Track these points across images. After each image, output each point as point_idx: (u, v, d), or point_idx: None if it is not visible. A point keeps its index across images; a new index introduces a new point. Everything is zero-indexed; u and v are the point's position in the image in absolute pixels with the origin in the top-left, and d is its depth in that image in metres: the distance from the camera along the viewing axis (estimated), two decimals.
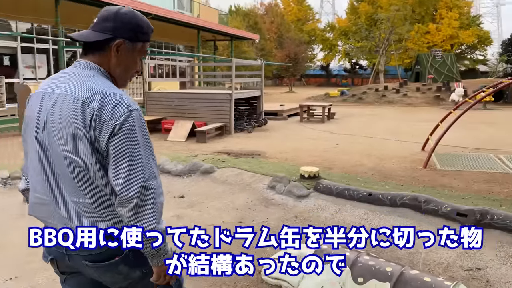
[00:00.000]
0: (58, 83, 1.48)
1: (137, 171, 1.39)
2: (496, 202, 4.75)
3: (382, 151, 8.49)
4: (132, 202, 1.39)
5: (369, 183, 5.79)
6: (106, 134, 1.37)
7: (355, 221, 4.52)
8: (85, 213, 1.46)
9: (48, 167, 1.47)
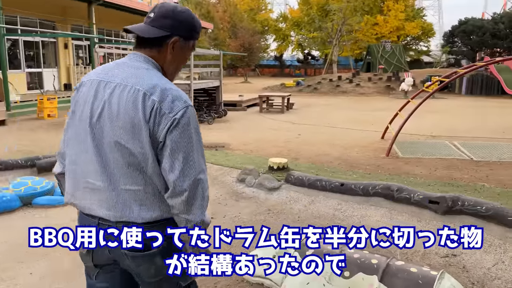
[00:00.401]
0: (114, 73, 1.50)
1: (191, 165, 1.44)
2: (460, 188, 4.91)
3: (344, 140, 8.60)
4: (184, 194, 1.44)
5: (337, 173, 5.80)
6: (165, 127, 1.41)
7: (329, 212, 4.48)
8: (136, 200, 1.49)
9: (101, 154, 1.48)
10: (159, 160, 1.47)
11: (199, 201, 1.48)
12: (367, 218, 4.23)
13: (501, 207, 3.73)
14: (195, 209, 1.47)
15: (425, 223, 3.95)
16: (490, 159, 6.72)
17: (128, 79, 1.46)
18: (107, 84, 1.48)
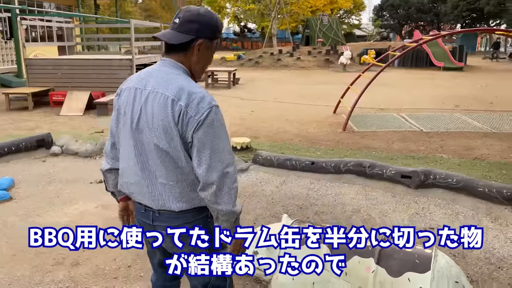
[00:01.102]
0: (147, 80, 1.66)
1: (217, 160, 1.58)
2: (421, 160, 5.06)
3: (299, 116, 8.56)
4: (212, 186, 1.58)
5: (301, 150, 5.73)
6: (192, 128, 1.56)
7: (302, 192, 4.39)
8: (172, 193, 1.68)
9: (141, 154, 1.69)
10: (191, 158, 1.63)
11: (227, 193, 1.61)
12: (341, 196, 4.21)
13: (470, 179, 3.87)
14: (224, 200, 1.61)
15: (399, 198, 4.01)
16: (438, 130, 7.05)
17: (159, 86, 1.61)
18: (142, 92, 1.65)
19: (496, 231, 3.37)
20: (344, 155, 5.32)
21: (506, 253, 3.17)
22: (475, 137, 6.48)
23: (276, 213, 4.02)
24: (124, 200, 1.94)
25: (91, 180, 4.98)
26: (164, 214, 1.73)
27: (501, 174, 4.38)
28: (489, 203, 3.69)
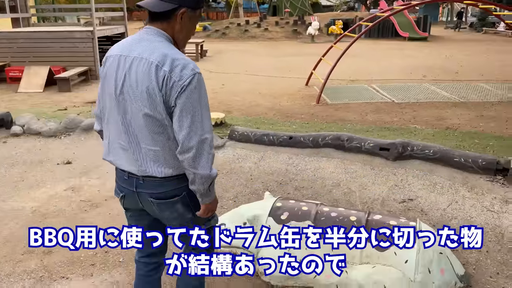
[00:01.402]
0: (132, 48, 1.69)
1: (197, 125, 1.62)
2: (396, 132, 5.10)
3: (271, 89, 8.43)
4: (191, 150, 1.63)
5: (276, 125, 5.65)
6: (175, 93, 1.60)
7: (281, 167, 4.33)
8: (156, 159, 1.72)
9: (125, 120, 1.71)
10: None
11: (205, 157, 1.66)
12: (321, 171, 4.18)
13: (446, 149, 3.92)
14: (202, 164, 1.66)
15: (378, 170, 4.02)
16: (409, 101, 7.13)
17: (143, 53, 1.64)
18: (126, 58, 1.67)
19: (473, 200, 3.45)
20: (320, 128, 5.28)
21: (483, 221, 3.26)
22: (445, 107, 6.61)
23: (256, 190, 3.95)
24: None
25: (58, 161, 4.71)
26: (148, 181, 1.77)
27: (474, 143, 4.48)
28: (465, 173, 3.77)
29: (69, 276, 2.74)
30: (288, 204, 3.06)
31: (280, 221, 2.92)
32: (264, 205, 3.10)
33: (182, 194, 1.80)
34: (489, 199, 3.42)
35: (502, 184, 3.55)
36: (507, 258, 2.86)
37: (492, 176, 3.67)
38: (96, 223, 3.40)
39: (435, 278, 2.52)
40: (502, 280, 2.64)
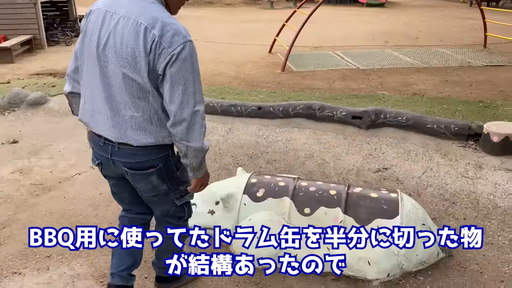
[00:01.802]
0: (119, 4, 1.58)
1: (190, 97, 1.55)
2: (365, 99, 4.99)
3: (233, 57, 8.07)
4: (184, 123, 1.57)
5: (242, 94, 5.38)
6: (164, 60, 1.51)
7: (251, 140, 4.11)
8: (133, 126, 1.64)
9: (106, 81, 1.62)
10: (160, 92, 1.59)
11: (197, 129, 1.60)
12: (292, 142, 4.00)
13: (419, 116, 3.84)
14: (194, 137, 1.60)
15: (351, 139, 3.90)
16: (374, 67, 7.05)
17: (132, 12, 1.53)
18: (113, 15, 1.56)
19: (447, 167, 3.41)
20: (288, 98, 5.07)
21: (458, 188, 3.23)
22: (409, 73, 6.58)
23: (226, 165, 3.72)
24: None
25: (2, 141, 4.23)
26: (123, 149, 1.69)
27: (443, 109, 4.46)
28: (437, 139, 3.72)
29: (22, 271, 2.44)
30: (264, 179, 2.86)
31: (256, 198, 2.72)
32: (238, 182, 2.89)
33: (158, 166, 1.73)
34: (463, 165, 3.39)
35: (474, 149, 3.53)
36: (484, 224, 2.84)
37: (464, 141, 3.64)
38: (51, 209, 3.07)
39: (418, 250, 2.45)
40: (482, 247, 2.61)
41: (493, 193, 3.12)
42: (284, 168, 3.62)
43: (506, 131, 3.33)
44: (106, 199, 3.20)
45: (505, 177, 3.18)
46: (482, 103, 4.67)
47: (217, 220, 2.75)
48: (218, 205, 2.79)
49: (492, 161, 3.35)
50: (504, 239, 2.69)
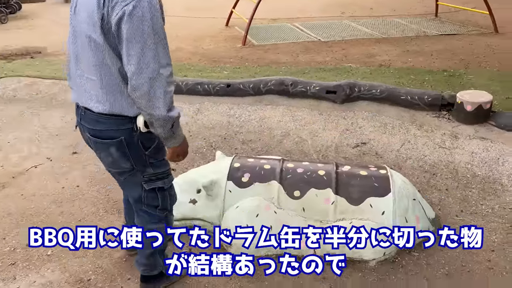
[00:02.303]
0: None
1: (148, 59, 1.43)
2: (333, 72, 4.91)
3: (189, 31, 7.65)
4: (142, 88, 1.46)
5: (205, 71, 5.10)
6: (116, 15, 1.41)
7: (222, 120, 3.90)
8: (94, 91, 1.57)
9: (75, 42, 1.60)
10: (119, 55, 1.49)
11: (160, 97, 1.47)
12: (267, 120, 3.83)
13: (393, 88, 3.81)
14: (157, 104, 1.47)
15: (327, 115, 3.80)
16: (335, 39, 6.96)
17: None
18: None
19: (425, 138, 3.42)
20: (254, 73, 4.87)
21: (437, 159, 3.24)
22: (370, 44, 6.57)
23: (199, 148, 3.50)
24: None
25: None
26: (88, 115, 1.64)
27: (411, 79, 4.46)
28: (411, 111, 3.71)
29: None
30: (248, 163, 2.69)
31: (241, 184, 2.55)
32: (219, 167, 2.69)
33: (119, 139, 1.62)
34: (439, 136, 3.41)
35: (448, 119, 3.56)
36: (466, 194, 2.87)
37: (437, 112, 3.66)
38: (8, 208, 2.73)
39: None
40: (467, 217, 2.64)
41: (471, 162, 3.16)
42: (261, 149, 3.47)
43: (479, 100, 3.37)
44: (71, 193, 2.90)
45: (481, 145, 3.23)
46: (447, 72, 4.73)
47: (200, 210, 2.57)
48: (200, 194, 2.60)
49: (467, 130, 3.39)
50: (487, 207, 2.73)
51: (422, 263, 2.28)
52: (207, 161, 3.29)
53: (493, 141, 3.22)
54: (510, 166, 3.01)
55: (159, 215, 1.87)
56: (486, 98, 3.39)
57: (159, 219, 1.87)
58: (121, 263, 2.33)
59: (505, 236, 2.47)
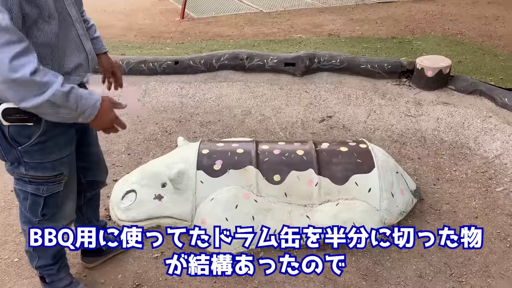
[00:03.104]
0: None
1: None
2: (285, 43, 4.67)
3: (116, 4, 6.95)
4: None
5: (144, 48, 4.61)
6: None
7: (175, 101, 3.52)
8: None
9: None
10: None
11: (6, 88, 1.18)
12: (224, 98, 3.52)
13: (353, 57, 3.66)
14: (10, 95, 1.20)
15: (288, 89, 3.57)
16: (277, 9, 6.71)
17: None
18: None
19: (389, 107, 3.33)
20: (200, 48, 4.49)
21: (404, 127, 3.17)
22: (314, 13, 6.40)
23: (152, 135, 3.12)
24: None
25: None
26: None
27: (364, 48, 4.36)
28: (372, 80, 3.60)
29: None
30: (217, 148, 2.38)
31: (214, 173, 2.25)
32: (185, 155, 2.36)
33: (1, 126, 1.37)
34: (403, 104, 3.34)
35: (408, 86, 3.50)
36: (438, 161, 2.83)
37: (397, 79, 3.59)
38: None
39: (397, 201, 2.31)
40: (445, 185, 2.59)
41: (437, 128, 3.13)
42: (222, 130, 3.17)
43: (440, 65, 3.33)
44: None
45: (445, 110, 3.21)
46: (396, 39, 4.70)
47: (168, 207, 2.24)
48: (166, 188, 2.27)
49: (429, 96, 3.36)
50: (460, 173, 2.71)
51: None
52: (164, 149, 2.93)
53: (455, 106, 3.21)
54: (476, 130, 3.02)
55: (29, 216, 1.58)
56: (446, 62, 3.36)
57: (28, 220, 1.59)
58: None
59: (484, 201, 2.45)
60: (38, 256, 1.69)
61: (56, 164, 1.49)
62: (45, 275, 1.76)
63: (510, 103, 3.06)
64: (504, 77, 3.56)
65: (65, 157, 1.51)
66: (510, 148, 2.80)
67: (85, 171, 1.76)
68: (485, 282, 1.93)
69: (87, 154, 1.73)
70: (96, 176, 1.83)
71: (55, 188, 1.53)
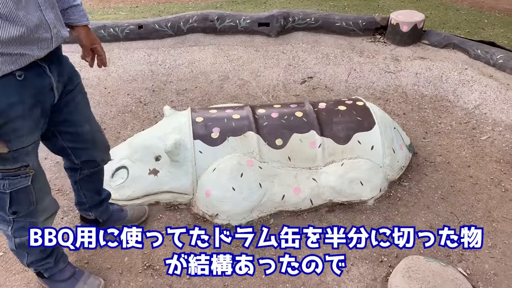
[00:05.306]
0: None
1: None
2: (250, 3, 4.45)
3: None
4: None
5: (95, 13, 4.19)
6: None
7: (143, 70, 3.23)
8: None
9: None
10: None
11: None
12: (198, 64, 3.29)
13: (327, 14, 3.55)
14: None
15: (264, 51, 3.40)
16: None
17: None
18: None
19: (369, 65, 3.30)
20: (159, 11, 4.15)
21: (385, 84, 3.17)
22: None
23: (126, 106, 2.86)
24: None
25: None
26: None
27: (332, 6, 4.27)
28: (348, 38, 3.54)
29: None
30: (211, 116, 2.21)
31: (212, 141, 2.09)
32: (177, 125, 2.17)
33: None
34: (382, 60, 3.32)
35: (384, 43, 3.48)
36: (422, 115, 2.86)
37: (372, 36, 3.56)
38: None
39: (398, 156, 2.30)
40: (434, 138, 2.63)
41: (417, 83, 3.16)
42: (201, 98, 2.97)
43: (414, 20, 3.33)
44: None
45: (422, 65, 3.23)
46: None
47: (165, 181, 2.07)
48: (161, 161, 2.08)
49: (405, 52, 3.36)
50: (446, 125, 2.76)
51: (415, 192, 2.20)
52: (143, 121, 2.70)
53: (432, 60, 3.24)
54: (453, 82, 3.08)
55: (1, 214, 1.39)
56: (420, 17, 3.36)
57: (2, 218, 1.40)
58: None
59: (472, 150, 2.52)
60: (27, 253, 1.47)
61: (18, 155, 1.24)
62: (42, 270, 1.55)
63: (483, 54, 3.14)
64: (471, 30, 3.65)
65: (29, 146, 1.26)
66: (488, 98, 2.90)
67: (78, 151, 1.53)
68: (491, 227, 2.00)
69: (78, 134, 1.48)
70: (93, 156, 1.60)
71: (20, 182, 1.29)
